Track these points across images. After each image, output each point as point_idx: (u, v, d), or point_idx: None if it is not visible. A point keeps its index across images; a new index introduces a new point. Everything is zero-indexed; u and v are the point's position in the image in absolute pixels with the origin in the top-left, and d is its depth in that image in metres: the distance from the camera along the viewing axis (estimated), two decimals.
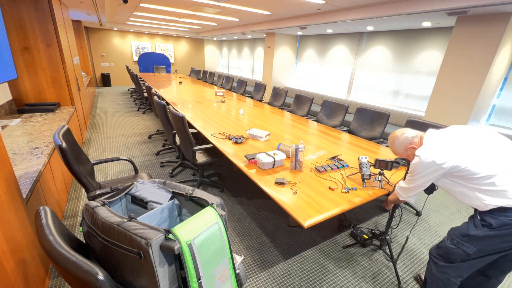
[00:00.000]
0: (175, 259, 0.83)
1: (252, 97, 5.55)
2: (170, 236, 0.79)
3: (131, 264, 0.82)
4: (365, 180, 1.81)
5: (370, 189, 1.77)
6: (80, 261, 0.73)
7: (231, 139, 2.57)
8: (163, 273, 0.79)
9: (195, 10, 5.30)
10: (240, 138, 2.52)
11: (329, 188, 1.74)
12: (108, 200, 1.04)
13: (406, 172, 1.64)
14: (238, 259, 1.06)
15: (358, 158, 1.91)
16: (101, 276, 0.71)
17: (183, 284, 0.86)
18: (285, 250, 2.07)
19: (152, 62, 10.41)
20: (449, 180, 1.37)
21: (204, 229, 0.85)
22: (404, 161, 2.00)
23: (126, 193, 1.18)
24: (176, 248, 0.76)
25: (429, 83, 4.56)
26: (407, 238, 2.06)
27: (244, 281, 1.07)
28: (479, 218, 1.31)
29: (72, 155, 1.52)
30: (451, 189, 1.39)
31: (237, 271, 1.02)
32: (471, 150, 1.27)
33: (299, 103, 4.34)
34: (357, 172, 1.99)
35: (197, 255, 0.81)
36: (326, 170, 1.98)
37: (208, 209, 0.94)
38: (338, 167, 2.05)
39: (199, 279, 0.82)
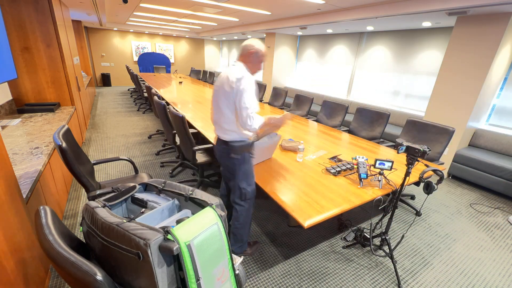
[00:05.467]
0: (174, 259, 0.83)
1: None
2: (169, 236, 0.78)
3: (130, 264, 0.82)
4: (362, 179, 1.81)
5: (370, 188, 1.77)
6: (78, 261, 0.73)
7: None
8: (162, 273, 0.79)
9: (195, 10, 5.30)
10: None
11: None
12: (110, 203, 1.04)
13: (407, 172, 1.63)
14: (238, 259, 1.06)
15: (355, 158, 1.92)
16: (99, 276, 0.71)
17: (182, 285, 0.86)
18: (285, 250, 2.07)
19: (152, 62, 10.41)
20: None
21: (203, 230, 0.85)
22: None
23: (126, 198, 1.18)
24: (174, 248, 0.76)
25: (429, 83, 4.56)
26: (403, 236, 2.07)
27: (244, 282, 1.07)
28: None
29: (72, 155, 1.52)
30: None
31: (237, 271, 1.01)
32: None
33: (299, 103, 4.34)
34: (354, 172, 1.99)
35: (196, 255, 0.81)
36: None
37: (207, 209, 0.94)
38: (348, 168, 2.06)
39: (198, 279, 0.82)
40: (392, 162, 1.83)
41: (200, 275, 0.83)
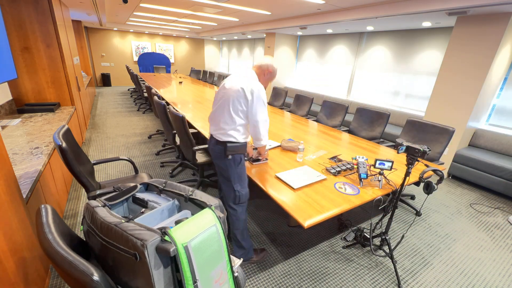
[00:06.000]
0: (172, 261, 0.83)
1: None
2: (166, 237, 0.78)
3: (127, 265, 0.82)
4: (362, 179, 1.81)
5: (370, 188, 1.77)
6: (76, 260, 0.73)
7: None
8: (159, 275, 0.79)
9: (195, 10, 5.30)
10: None
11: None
12: (110, 203, 1.04)
13: (407, 172, 1.63)
14: (237, 261, 1.06)
15: (355, 158, 1.91)
16: (96, 276, 0.70)
17: (179, 287, 0.86)
18: (285, 250, 2.07)
19: (152, 62, 10.41)
20: None
21: (201, 231, 0.85)
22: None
23: (128, 198, 1.18)
24: (171, 250, 0.76)
25: (429, 83, 4.56)
26: (403, 236, 2.06)
27: (243, 284, 1.07)
28: None
29: (72, 155, 1.52)
30: None
31: (235, 274, 1.01)
32: None
33: (299, 103, 4.34)
34: (354, 172, 1.99)
35: (193, 257, 0.80)
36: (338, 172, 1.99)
37: (206, 211, 0.93)
38: (348, 168, 2.05)
39: (195, 282, 0.82)
40: (392, 162, 1.83)
41: (197, 277, 0.82)
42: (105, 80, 9.96)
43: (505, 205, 2.99)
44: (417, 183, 2.32)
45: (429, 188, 1.63)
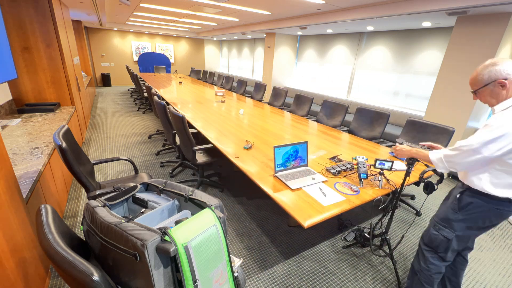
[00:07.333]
0: (171, 261, 0.83)
1: (252, 97, 5.55)
2: (167, 237, 0.78)
3: (127, 265, 0.82)
4: (362, 179, 1.81)
5: (370, 188, 1.77)
6: (76, 260, 0.73)
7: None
8: (159, 275, 0.79)
9: (195, 10, 5.30)
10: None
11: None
12: (110, 203, 1.04)
13: (407, 172, 1.63)
14: (237, 262, 1.06)
15: (355, 158, 1.91)
16: (96, 276, 0.70)
17: (179, 287, 0.86)
18: (285, 250, 2.07)
19: (152, 62, 10.41)
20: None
21: (201, 231, 0.85)
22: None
23: (128, 198, 1.18)
24: (171, 250, 0.76)
25: (429, 83, 4.56)
26: (403, 236, 2.06)
27: (243, 284, 1.07)
28: (457, 199, 1.37)
29: (72, 155, 1.52)
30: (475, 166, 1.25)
31: (235, 274, 1.01)
32: None
33: (299, 103, 4.34)
34: (354, 172, 1.99)
35: (193, 257, 0.80)
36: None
37: (206, 211, 0.93)
38: (348, 168, 2.04)
39: (195, 282, 0.82)
40: (392, 162, 1.83)
41: (197, 277, 0.82)
42: (105, 80, 9.96)
43: None
44: (417, 183, 2.32)
45: (429, 188, 1.63)
